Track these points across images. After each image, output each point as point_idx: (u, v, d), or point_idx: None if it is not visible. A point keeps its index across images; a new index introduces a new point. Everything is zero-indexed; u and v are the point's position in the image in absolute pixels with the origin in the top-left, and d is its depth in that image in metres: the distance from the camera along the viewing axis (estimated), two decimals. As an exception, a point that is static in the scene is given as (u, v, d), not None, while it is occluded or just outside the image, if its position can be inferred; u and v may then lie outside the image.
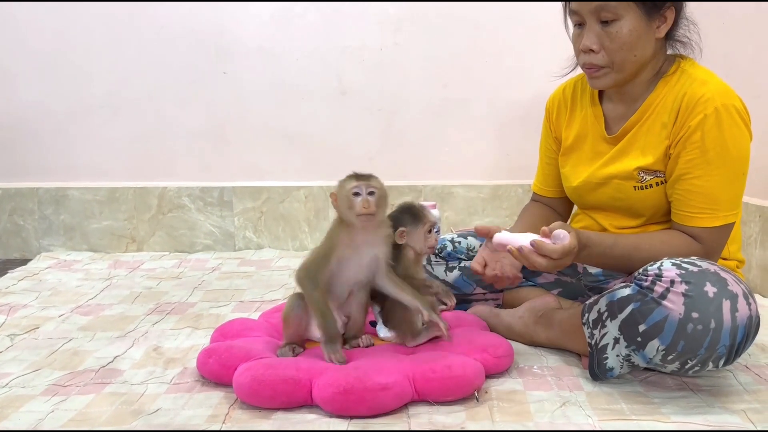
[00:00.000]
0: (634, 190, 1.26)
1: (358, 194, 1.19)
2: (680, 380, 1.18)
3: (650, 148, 1.23)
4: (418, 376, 1.09)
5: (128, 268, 2.10)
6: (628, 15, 1.17)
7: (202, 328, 1.51)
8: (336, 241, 1.22)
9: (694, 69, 1.22)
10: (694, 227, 1.19)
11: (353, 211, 1.18)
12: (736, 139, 1.16)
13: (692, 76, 1.20)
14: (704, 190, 1.18)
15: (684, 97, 1.18)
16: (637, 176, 1.25)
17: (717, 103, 1.14)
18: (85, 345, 1.40)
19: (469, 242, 1.52)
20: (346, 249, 1.22)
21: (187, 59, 2.27)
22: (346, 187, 1.20)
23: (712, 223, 1.18)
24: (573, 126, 1.38)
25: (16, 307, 1.68)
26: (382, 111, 2.31)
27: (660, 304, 1.03)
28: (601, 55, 1.20)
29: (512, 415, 1.06)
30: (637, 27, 1.17)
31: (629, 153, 1.27)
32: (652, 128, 1.23)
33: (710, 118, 1.14)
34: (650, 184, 1.24)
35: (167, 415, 1.07)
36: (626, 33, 1.17)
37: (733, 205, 1.19)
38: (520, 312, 1.38)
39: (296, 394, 1.07)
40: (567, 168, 1.40)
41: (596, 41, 1.20)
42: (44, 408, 1.10)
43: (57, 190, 2.30)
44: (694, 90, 1.17)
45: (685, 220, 1.20)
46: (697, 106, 1.16)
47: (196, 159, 2.33)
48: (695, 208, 1.19)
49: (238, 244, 2.34)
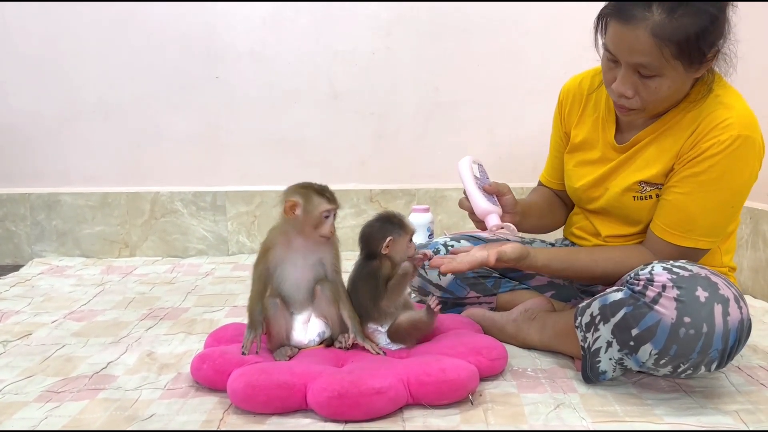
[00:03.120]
0: (633, 200, 1.25)
1: (327, 217, 1.21)
2: (673, 382, 1.19)
3: (656, 161, 1.21)
4: (413, 380, 1.10)
5: (121, 273, 2.09)
6: (671, 72, 1.09)
7: (195, 333, 1.50)
8: (273, 236, 1.24)
9: (724, 91, 1.16)
10: (663, 240, 1.19)
11: (319, 231, 1.21)
12: (738, 172, 1.13)
13: (720, 98, 1.15)
14: (685, 209, 1.16)
15: (706, 118, 1.13)
16: (637, 187, 1.24)
17: (735, 131, 1.10)
18: (79, 351, 1.39)
19: (462, 245, 1.52)
20: (281, 248, 1.23)
21: (179, 64, 2.26)
22: (319, 208, 1.20)
23: (681, 242, 1.17)
24: (584, 125, 1.36)
25: (8, 314, 1.67)
26: (374, 115, 2.32)
27: (652, 309, 1.04)
28: (635, 99, 1.14)
29: (506, 417, 1.06)
30: (678, 80, 1.11)
31: (634, 163, 1.25)
32: (663, 142, 1.20)
33: (723, 144, 1.11)
34: (650, 195, 1.23)
35: (161, 421, 1.06)
36: (666, 88, 1.11)
37: (710, 233, 1.17)
38: (513, 314, 1.38)
39: (291, 398, 1.07)
40: (570, 166, 1.39)
41: (632, 89, 1.13)
42: (38, 414, 1.09)
43: (49, 196, 2.29)
44: (718, 113, 1.12)
45: (658, 230, 1.20)
46: (714, 129, 1.12)
47: (189, 164, 2.33)
48: (671, 224, 1.18)
49: (232, 248, 2.34)
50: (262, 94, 2.30)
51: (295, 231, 1.23)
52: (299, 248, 1.24)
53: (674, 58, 1.07)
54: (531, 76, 2.26)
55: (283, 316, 1.25)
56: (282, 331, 1.25)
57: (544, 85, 2.22)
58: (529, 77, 2.26)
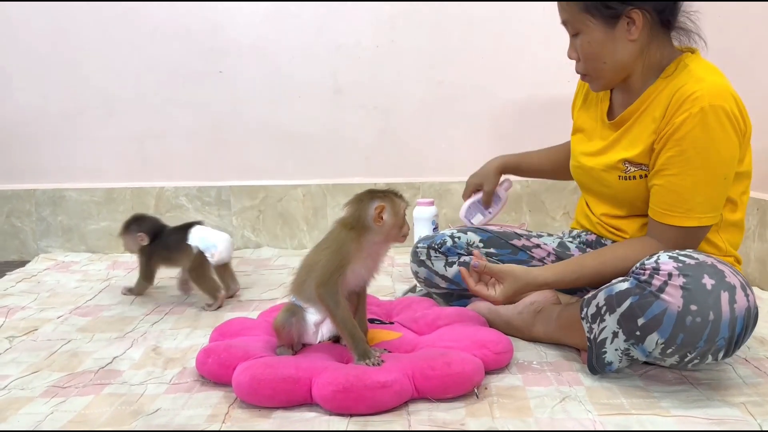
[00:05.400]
0: (618, 180, 1.27)
1: (404, 216, 1.22)
2: (680, 374, 1.18)
3: (638, 141, 1.23)
4: (418, 374, 1.09)
5: (126, 268, 2.10)
6: (586, 28, 1.20)
7: (200, 327, 1.50)
8: (349, 250, 1.19)
9: (696, 64, 1.19)
10: (664, 224, 1.19)
11: (401, 231, 1.21)
12: (718, 141, 1.13)
13: (691, 71, 1.17)
14: (679, 189, 1.16)
15: (676, 93, 1.16)
16: (621, 166, 1.25)
17: (705, 102, 1.11)
18: (84, 346, 1.40)
19: (469, 237, 1.52)
20: (359, 260, 1.21)
21: (183, 59, 2.26)
22: (402, 206, 1.22)
23: (683, 222, 1.17)
24: (586, 108, 1.41)
25: (14, 309, 1.67)
26: (378, 109, 2.31)
27: (658, 298, 1.03)
28: (580, 63, 1.26)
29: (512, 410, 1.06)
30: (597, 37, 1.20)
31: (620, 143, 1.28)
32: (644, 121, 1.23)
33: (695, 117, 1.12)
34: (633, 175, 1.24)
35: (167, 415, 1.07)
36: (587, 45, 1.22)
37: (710, 208, 1.17)
38: (519, 308, 1.38)
39: (296, 392, 1.07)
40: (572, 144, 1.44)
41: (573, 51, 1.26)
42: (43, 410, 1.10)
43: (54, 192, 2.30)
44: (687, 87, 1.15)
45: (657, 216, 1.20)
46: (685, 103, 1.14)
47: (193, 158, 2.33)
48: (667, 205, 1.18)
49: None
50: (265, 89, 2.29)
51: (375, 237, 1.20)
52: (370, 254, 1.22)
53: (583, 12, 1.19)
54: (535, 68, 2.25)
55: (296, 329, 1.23)
56: (292, 340, 1.25)
57: (548, 78, 2.21)
58: (534, 70, 2.25)
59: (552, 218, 2.32)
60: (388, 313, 1.48)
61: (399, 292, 1.77)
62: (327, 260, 1.20)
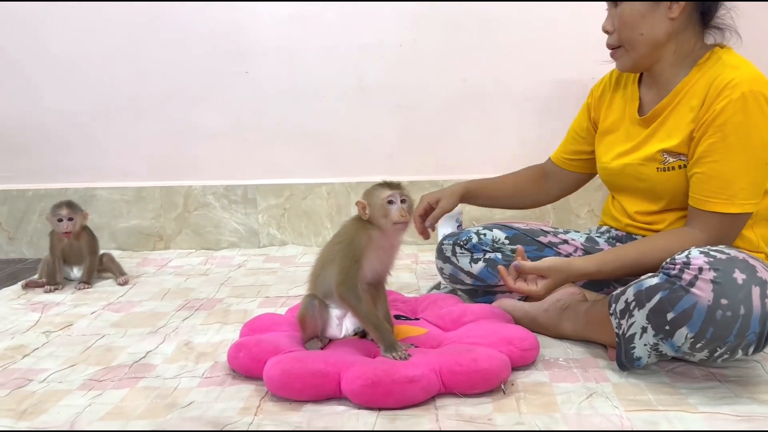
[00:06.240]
0: (657, 172, 1.27)
1: (392, 202, 1.21)
2: (707, 371, 1.18)
3: (676, 131, 1.23)
4: (445, 369, 1.11)
5: (156, 265, 2.14)
6: None
7: (230, 323, 1.53)
8: (361, 244, 1.22)
9: (729, 56, 1.22)
10: (707, 211, 1.19)
11: (389, 219, 1.21)
12: (760, 127, 1.14)
13: (726, 62, 1.20)
14: (721, 175, 1.17)
15: (714, 81, 1.17)
16: (660, 158, 1.26)
17: (744, 88, 1.13)
18: (118, 341, 1.43)
19: (494, 234, 1.53)
20: (371, 252, 1.23)
21: (209, 60, 2.30)
22: (380, 195, 1.22)
23: (726, 209, 1.17)
24: (613, 108, 1.41)
25: (49, 305, 1.72)
26: (401, 107, 2.32)
27: (688, 292, 1.03)
28: (614, 35, 1.28)
29: (539, 406, 1.07)
30: (641, 7, 1.23)
31: (656, 135, 1.28)
32: (680, 111, 1.24)
33: (736, 102, 1.13)
34: (672, 166, 1.25)
35: (200, 408, 1.09)
36: (628, 12, 1.24)
37: (752, 194, 1.17)
38: (545, 305, 1.38)
39: (325, 386, 1.09)
40: (600, 148, 1.43)
41: (610, 22, 1.29)
42: (81, 402, 1.13)
43: (85, 191, 2.35)
44: (726, 74, 1.17)
45: (699, 203, 1.20)
46: (724, 90, 1.15)
47: (220, 158, 2.37)
48: (710, 192, 1.18)
49: (263, 240, 2.37)
50: (290, 89, 2.32)
51: (374, 229, 1.23)
52: (383, 246, 1.24)
53: None
54: (559, 64, 2.24)
55: (320, 315, 1.26)
56: (317, 328, 1.27)
57: (572, 74, 2.20)
58: (557, 66, 2.24)
59: (576, 215, 2.32)
60: (413, 310, 1.50)
61: (424, 289, 1.78)
62: (342, 257, 1.22)
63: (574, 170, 1.54)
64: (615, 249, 1.27)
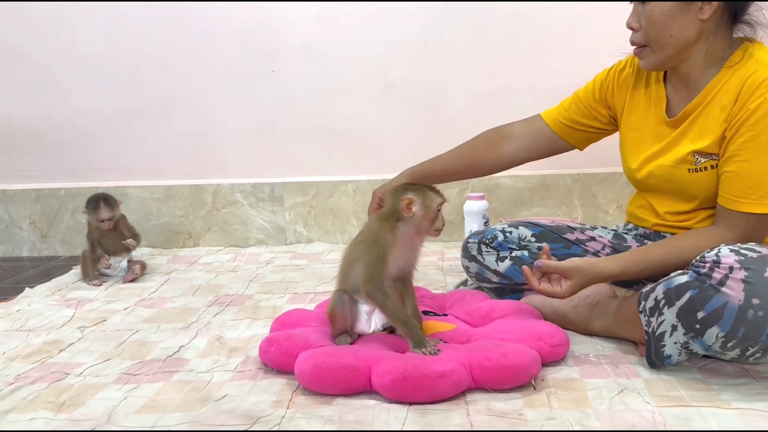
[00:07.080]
0: (688, 173, 1.25)
1: (439, 210, 1.24)
2: (740, 367, 1.17)
3: (708, 131, 1.21)
4: (474, 365, 1.11)
5: (186, 262, 2.17)
6: None
7: (260, 318, 1.55)
8: (385, 240, 1.23)
9: (762, 52, 1.19)
10: (736, 211, 1.17)
11: (435, 225, 1.23)
12: None
13: (759, 60, 1.17)
14: (751, 174, 1.15)
15: (748, 80, 1.15)
16: (692, 159, 1.24)
17: None
18: (151, 336, 1.46)
19: (520, 232, 1.52)
20: (396, 249, 1.24)
21: (236, 60, 2.32)
22: (436, 201, 1.24)
23: (756, 209, 1.15)
24: (635, 104, 1.37)
25: (83, 302, 1.76)
26: (427, 104, 2.32)
27: (719, 291, 1.02)
28: (640, 33, 1.23)
29: (570, 402, 1.07)
30: (671, 8, 1.18)
31: (687, 136, 1.26)
32: (711, 111, 1.21)
33: None
34: (704, 166, 1.23)
35: (233, 401, 1.11)
36: (658, 12, 1.19)
37: None
38: (574, 301, 1.38)
39: (356, 380, 1.11)
40: (625, 148, 1.40)
41: (636, 19, 1.23)
42: (117, 395, 1.16)
43: (116, 189, 2.39)
44: (759, 73, 1.14)
45: (728, 203, 1.18)
46: (759, 88, 1.13)
47: (247, 156, 2.39)
48: (739, 192, 1.16)
49: (290, 238, 2.39)
50: (316, 87, 2.34)
51: (408, 228, 1.24)
52: (406, 243, 1.26)
53: None
54: (584, 59, 2.21)
55: (349, 310, 1.27)
56: (346, 323, 1.28)
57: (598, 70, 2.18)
58: (583, 61, 2.22)
59: (604, 212, 2.30)
60: (441, 306, 1.50)
61: (450, 285, 1.78)
62: (367, 255, 1.23)
63: (564, 137, 1.49)
64: (640, 250, 1.26)
